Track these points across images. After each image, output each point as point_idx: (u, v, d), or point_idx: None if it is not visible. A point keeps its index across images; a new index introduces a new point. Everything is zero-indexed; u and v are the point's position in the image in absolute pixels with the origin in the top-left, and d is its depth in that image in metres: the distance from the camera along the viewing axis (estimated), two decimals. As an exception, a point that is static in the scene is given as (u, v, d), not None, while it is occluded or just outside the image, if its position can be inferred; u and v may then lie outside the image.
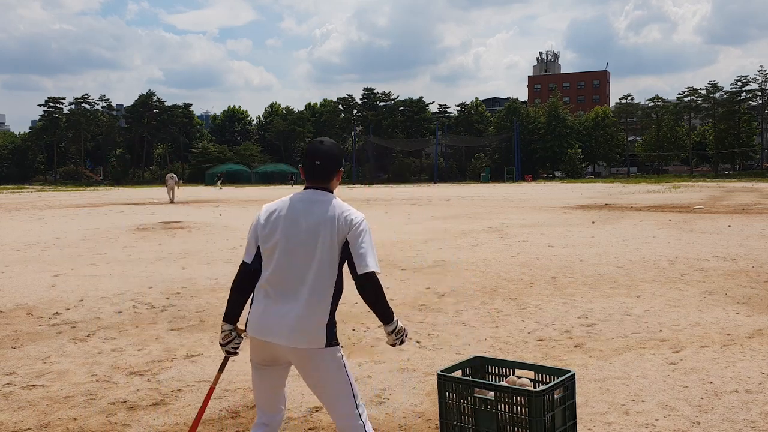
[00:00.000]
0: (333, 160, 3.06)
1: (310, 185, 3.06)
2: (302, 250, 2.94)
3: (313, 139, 3.12)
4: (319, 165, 3.02)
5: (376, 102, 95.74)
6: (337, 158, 3.10)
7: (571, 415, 3.46)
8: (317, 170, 3.03)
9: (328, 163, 3.05)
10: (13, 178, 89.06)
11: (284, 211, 3.03)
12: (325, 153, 3.05)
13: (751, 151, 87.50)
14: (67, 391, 4.96)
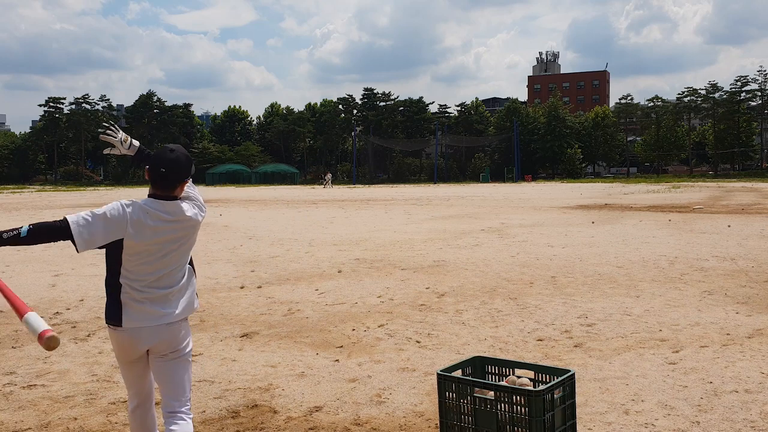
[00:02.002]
0: (186, 168, 3.20)
1: (153, 194, 3.20)
2: (171, 249, 3.19)
3: (165, 146, 3.22)
4: (164, 172, 3.12)
5: (376, 102, 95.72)
6: (188, 167, 3.22)
7: (571, 414, 3.47)
8: (161, 177, 3.13)
9: (181, 173, 3.17)
10: (13, 178, 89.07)
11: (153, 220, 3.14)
12: (178, 162, 3.15)
13: (751, 151, 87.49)
14: (67, 391, 4.97)
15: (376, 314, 7.40)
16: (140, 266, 3.12)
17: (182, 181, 3.19)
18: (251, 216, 23.67)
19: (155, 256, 3.14)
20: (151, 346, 3.18)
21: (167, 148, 3.16)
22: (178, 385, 3.23)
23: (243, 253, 12.93)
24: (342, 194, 45.11)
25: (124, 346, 3.19)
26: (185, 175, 3.18)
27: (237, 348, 6.11)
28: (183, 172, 3.17)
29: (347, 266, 10.95)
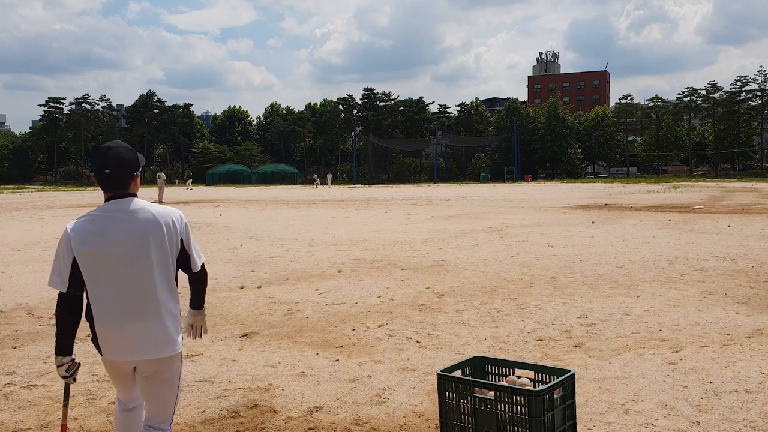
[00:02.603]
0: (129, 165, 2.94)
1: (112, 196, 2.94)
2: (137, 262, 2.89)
3: (101, 145, 3.00)
4: (114, 170, 2.89)
5: (376, 102, 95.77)
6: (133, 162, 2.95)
7: (571, 414, 3.47)
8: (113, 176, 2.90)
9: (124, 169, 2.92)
10: (13, 178, 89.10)
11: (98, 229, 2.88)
12: (119, 160, 2.90)
13: (751, 151, 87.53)
14: (67, 391, 4.96)
15: (376, 314, 7.40)
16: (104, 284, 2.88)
17: (132, 176, 2.94)
18: (251, 216, 23.67)
19: (117, 267, 2.87)
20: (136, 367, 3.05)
21: (105, 147, 2.94)
22: (162, 405, 3.10)
23: (243, 253, 12.93)
24: (342, 194, 45.11)
25: (108, 367, 3.16)
26: (134, 169, 2.94)
27: (237, 348, 6.11)
28: (129, 167, 2.92)
29: (347, 266, 10.95)
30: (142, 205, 2.93)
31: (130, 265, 2.87)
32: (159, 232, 2.90)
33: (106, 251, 2.86)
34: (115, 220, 2.88)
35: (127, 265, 2.87)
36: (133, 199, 2.94)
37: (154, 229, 2.89)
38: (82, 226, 2.89)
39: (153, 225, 2.89)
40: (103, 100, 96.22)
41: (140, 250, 2.87)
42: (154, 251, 2.89)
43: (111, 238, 2.86)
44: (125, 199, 2.92)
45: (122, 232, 2.86)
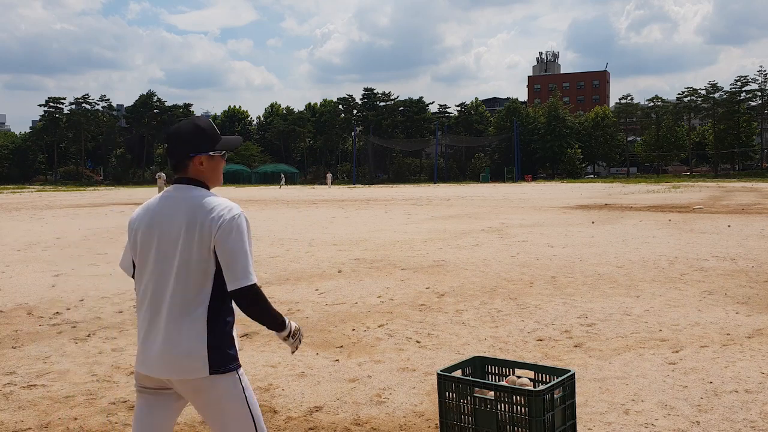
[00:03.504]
0: (177, 141, 2.49)
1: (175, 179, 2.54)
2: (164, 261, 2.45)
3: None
4: (168, 147, 2.53)
5: (376, 102, 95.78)
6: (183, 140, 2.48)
7: (571, 414, 3.47)
8: (168, 155, 2.54)
9: (174, 146, 2.50)
10: (13, 178, 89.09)
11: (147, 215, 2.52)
12: (171, 134, 2.51)
13: (751, 151, 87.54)
14: (67, 391, 4.97)
15: (376, 314, 7.40)
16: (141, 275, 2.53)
17: (186, 155, 2.49)
18: (251, 216, 23.67)
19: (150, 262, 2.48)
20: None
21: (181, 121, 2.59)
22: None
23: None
24: (342, 194, 45.11)
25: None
26: (189, 148, 2.48)
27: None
28: (184, 144, 2.49)
29: (347, 266, 10.95)
30: (194, 195, 2.46)
31: (162, 262, 2.46)
32: (192, 229, 2.41)
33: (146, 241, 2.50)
34: (163, 207, 2.49)
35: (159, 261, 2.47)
36: (188, 187, 2.49)
37: (190, 223, 2.41)
38: (140, 211, 2.57)
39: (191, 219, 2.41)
40: (103, 100, 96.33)
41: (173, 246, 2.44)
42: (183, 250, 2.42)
43: (152, 228, 2.49)
44: (181, 186, 2.50)
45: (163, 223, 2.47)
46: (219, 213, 2.39)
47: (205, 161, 2.51)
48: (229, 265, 2.39)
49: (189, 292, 2.41)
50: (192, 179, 2.51)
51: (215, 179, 2.56)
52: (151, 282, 2.47)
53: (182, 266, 2.41)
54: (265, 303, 2.52)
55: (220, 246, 2.38)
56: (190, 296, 2.42)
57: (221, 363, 2.44)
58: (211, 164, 2.53)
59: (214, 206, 2.41)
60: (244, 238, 2.41)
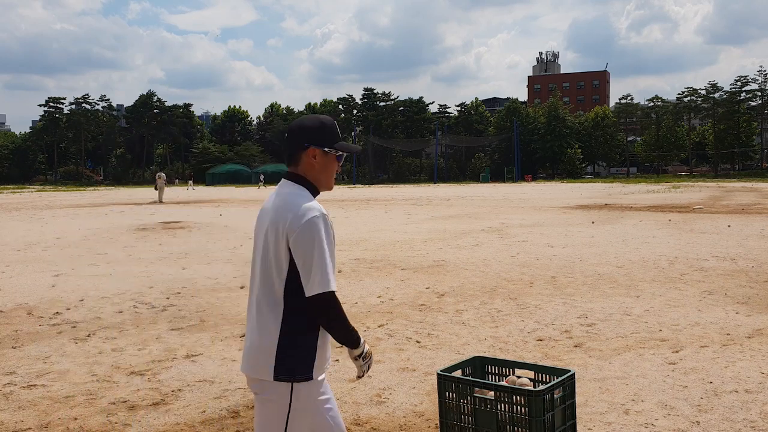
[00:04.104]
0: (294, 131, 2.43)
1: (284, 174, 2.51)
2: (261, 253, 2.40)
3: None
4: (287, 137, 2.46)
5: (376, 102, 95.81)
6: (301, 129, 2.43)
7: (571, 414, 3.47)
8: (286, 146, 2.47)
9: (290, 138, 2.44)
10: (13, 178, 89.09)
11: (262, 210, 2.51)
12: (292, 125, 2.46)
13: (751, 151, 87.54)
14: (67, 391, 4.96)
15: (376, 314, 7.40)
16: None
17: (302, 145, 2.41)
18: (251, 216, 23.66)
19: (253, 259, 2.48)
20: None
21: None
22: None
23: (243, 253, 12.92)
24: (342, 194, 45.10)
25: None
26: (305, 138, 2.40)
27: (237, 348, 6.11)
28: (302, 134, 2.41)
29: (347, 266, 10.95)
30: (285, 192, 2.40)
31: (255, 258, 2.44)
32: (272, 228, 2.34)
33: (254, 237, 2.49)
34: (267, 204, 2.46)
35: (255, 257, 2.45)
36: (288, 183, 2.44)
37: (272, 222, 2.34)
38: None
39: (273, 218, 2.35)
40: (103, 100, 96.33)
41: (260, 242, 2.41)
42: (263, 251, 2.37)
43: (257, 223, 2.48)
44: (284, 181, 2.45)
45: (261, 216, 2.45)
46: (296, 213, 2.29)
47: (319, 156, 2.42)
48: (304, 270, 2.28)
49: (269, 292, 2.36)
50: (298, 176, 2.43)
51: (325, 181, 2.47)
52: (251, 277, 2.47)
53: (264, 264, 2.36)
54: (341, 314, 2.35)
55: (296, 250, 2.28)
56: (270, 296, 2.35)
57: (284, 370, 2.33)
58: (323, 161, 2.43)
59: (294, 206, 2.31)
60: (322, 242, 2.28)
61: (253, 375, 2.36)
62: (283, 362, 2.32)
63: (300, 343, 2.34)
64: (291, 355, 2.32)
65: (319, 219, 2.29)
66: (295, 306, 2.33)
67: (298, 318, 2.33)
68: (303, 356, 2.34)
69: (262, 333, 2.34)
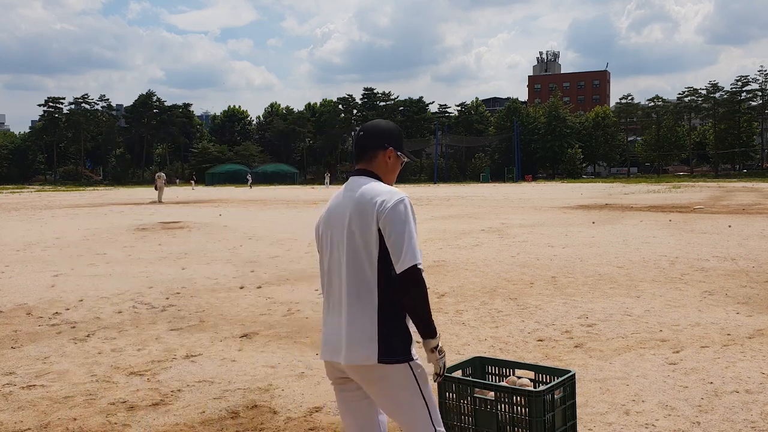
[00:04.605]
0: (373, 133, 2.62)
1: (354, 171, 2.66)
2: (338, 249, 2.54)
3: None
4: (359, 138, 2.65)
5: (376, 102, 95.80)
6: (379, 132, 2.63)
7: (571, 415, 3.46)
8: (357, 144, 2.65)
9: (367, 138, 2.62)
10: (13, 178, 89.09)
11: (329, 206, 2.64)
12: (367, 127, 2.66)
13: (752, 151, 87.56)
14: (66, 391, 4.96)
15: (376, 314, 7.38)
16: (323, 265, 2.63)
17: (375, 148, 2.60)
18: (251, 216, 23.66)
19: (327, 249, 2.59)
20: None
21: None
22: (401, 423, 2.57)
23: (243, 253, 12.92)
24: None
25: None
26: (381, 140, 2.60)
27: (237, 348, 6.10)
28: (377, 136, 2.61)
29: (347, 266, 10.93)
30: (362, 182, 2.55)
31: (336, 248, 2.54)
32: (357, 216, 2.47)
33: (326, 230, 2.62)
34: (339, 196, 2.61)
35: (333, 248, 2.56)
36: (362, 177, 2.59)
37: (355, 210, 2.48)
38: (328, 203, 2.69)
39: (356, 206, 2.48)
40: (102, 99, 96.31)
41: (342, 233, 2.52)
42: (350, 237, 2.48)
43: (329, 215, 2.62)
44: (356, 177, 2.60)
45: (336, 210, 2.58)
46: (383, 198, 2.44)
47: (393, 157, 2.63)
48: (394, 247, 2.40)
49: (360, 281, 2.46)
50: (371, 172, 2.61)
51: (390, 180, 2.64)
52: (329, 271, 2.57)
53: (351, 253, 2.47)
54: (426, 294, 2.47)
55: (386, 230, 2.41)
56: (361, 283, 2.46)
57: (391, 353, 2.45)
58: (395, 162, 2.64)
59: (379, 192, 2.47)
60: (409, 221, 2.43)
61: (354, 363, 2.45)
62: (390, 346, 2.45)
63: (398, 325, 2.48)
64: (394, 337, 2.47)
65: (406, 200, 2.47)
66: (389, 290, 2.46)
67: (393, 302, 2.47)
68: (403, 337, 2.50)
69: (360, 322, 2.45)
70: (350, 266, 2.48)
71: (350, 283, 2.47)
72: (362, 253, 2.45)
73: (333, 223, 2.57)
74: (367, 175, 2.60)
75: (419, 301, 2.44)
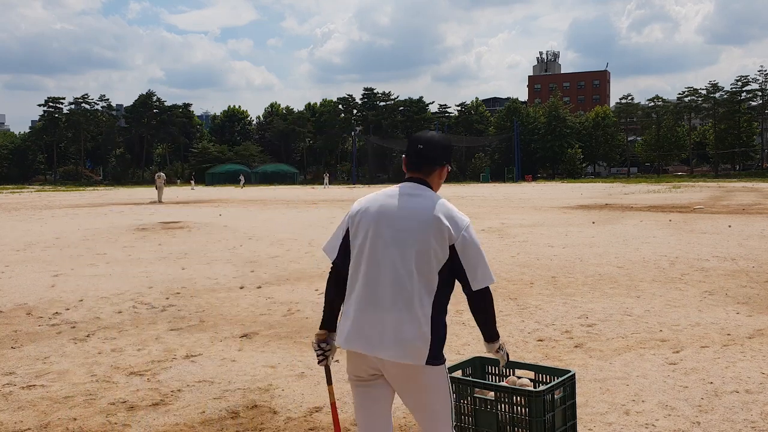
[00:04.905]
0: (437, 147, 2.75)
1: (409, 177, 2.75)
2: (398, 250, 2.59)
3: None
4: (421, 149, 2.72)
5: (376, 102, 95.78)
6: (443, 147, 2.77)
7: (572, 415, 3.46)
8: (418, 155, 2.73)
9: (431, 150, 2.73)
10: (13, 178, 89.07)
11: (375, 206, 2.69)
12: (429, 139, 2.75)
13: (752, 151, 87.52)
14: (66, 391, 4.96)
15: (376, 314, 7.38)
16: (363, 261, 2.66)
17: (435, 162, 2.73)
18: (251, 216, 23.66)
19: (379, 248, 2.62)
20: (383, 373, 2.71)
21: (426, 130, 2.88)
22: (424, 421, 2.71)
23: (243, 253, 12.92)
24: (342, 194, 45.09)
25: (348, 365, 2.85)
26: (445, 155, 2.75)
27: (237, 348, 6.10)
28: (438, 151, 2.73)
29: (347, 266, 10.93)
30: (430, 195, 2.67)
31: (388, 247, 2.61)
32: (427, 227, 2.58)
33: (372, 230, 2.65)
34: (396, 197, 2.67)
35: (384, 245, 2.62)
36: (423, 187, 2.70)
37: (425, 221, 2.58)
38: (366, 199, 2.75)
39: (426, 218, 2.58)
40: (102, 99, 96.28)
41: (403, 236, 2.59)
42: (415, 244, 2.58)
43: (379, 213, 2.65)
44: (416, 185, 2.71)
45: (390, 211, 2.64)
46: (459, 218, 2.63)
47: (446, 171, 2.81)
48: (473, 266, 2.61)
49: (419, 284, 2.57)
50: (426, 182, 2.74)
51: (438, 189, 2.80)
52: (377, 265, 2.62)
53: (412, 257, 2.57)
54: (492, 308, 2.73)
55: (464, 249, 2.59)
56: (420, 287, 2.57)
57: (437, 355, 2.59)
58: (445, 175, 2.83)
59: (453, 211, 2.65)
60: (479, 244, 2.65)
61: (404, 361, 2.56)
62: (437, 349, 2.59)
63: (441, 332, 2.63)
64: (440, 341, 2.61)
65: (471, 225, 2.68)
66: (443, 297, 2.63)
67: (443, 309, 2.65)
68: (443, 343, 2.64)
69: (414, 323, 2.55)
70: (409, 269, 2.57)
71: (407, 285, 2.57)
72: (426, 260, 2.57)
73: (386, 222, 2.63)
74: (423, 184, 2.72)
75: (491, 313, 2.73)
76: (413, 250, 2.57)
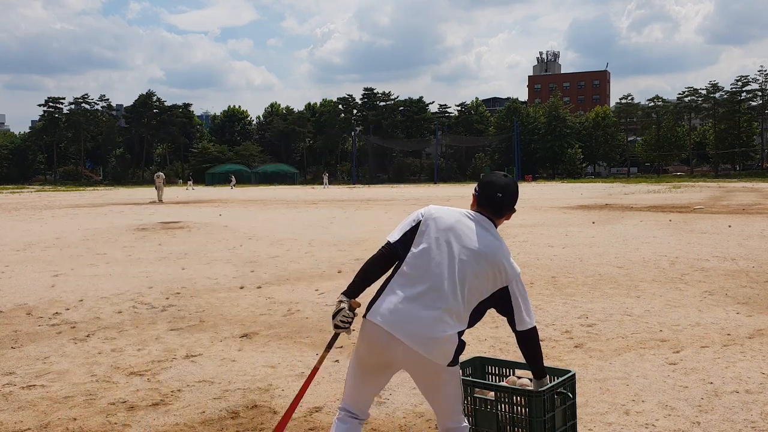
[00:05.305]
0: (513, 197, 3.11)
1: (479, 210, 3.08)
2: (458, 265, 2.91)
3: (495, 171, 3.22)
4: (501, 198, 3.06)
5: (376, 102, 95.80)
6: (515, 195, 3.12)
7: (572, 415, 3.46)
8: (496, 204, 3.06)
9: (509, 200, 3.09)
10: (13, 178, 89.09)
11: (450, 219, 3.01)
12: (505, 188, 3.08)
13: (752, 151, 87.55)
14: (66, 391, 4.96)
15: (376, 314, 7.38)
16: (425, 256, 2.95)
17: (509, 209, 3.11)
18: (251, 216, 23.66)
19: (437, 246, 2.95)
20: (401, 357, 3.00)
21: (498, 174, 3.15)
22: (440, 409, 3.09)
23: (243, 253, 12.92)
24: (342, 194, 45.11)
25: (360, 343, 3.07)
26: (513, 203, 3.12)
27: (237, 348, 6.10)
28: (514, 200, 3.11)
29: (347, 266, 10.94)
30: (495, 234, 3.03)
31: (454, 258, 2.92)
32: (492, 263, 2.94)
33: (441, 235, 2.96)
34: (472, 221, 3.01)
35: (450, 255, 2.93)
36: (493, 225, 3.06)
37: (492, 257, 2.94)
38: (441, 209, 3.07)
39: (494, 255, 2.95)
40: (102, 99, 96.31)
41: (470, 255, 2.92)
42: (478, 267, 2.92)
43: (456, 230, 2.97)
44: (489, 221, 3.05)
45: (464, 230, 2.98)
46: (515, 266, 3.00)
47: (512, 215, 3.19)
48: (520, 307, 2.99)
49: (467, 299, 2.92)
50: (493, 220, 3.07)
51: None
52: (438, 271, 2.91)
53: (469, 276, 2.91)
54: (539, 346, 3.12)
55: (515, 294, 2.98)
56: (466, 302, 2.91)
57: (457, 359, 2.96)
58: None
59: (511, 258, 3.01)
60: (525, 289, 3.05)
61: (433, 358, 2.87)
62: (458, 355, 2.95)
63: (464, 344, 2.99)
64: (461, 350, 2.96)
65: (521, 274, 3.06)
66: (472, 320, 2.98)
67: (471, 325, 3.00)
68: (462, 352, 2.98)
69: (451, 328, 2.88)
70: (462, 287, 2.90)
71: (456, 297, 2.88)
72: (477, 286, 2.92)
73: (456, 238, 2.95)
74: (492, 222, 3.06)
75: (538, 352, 3.11)
76: (471, 272, 2.90)
